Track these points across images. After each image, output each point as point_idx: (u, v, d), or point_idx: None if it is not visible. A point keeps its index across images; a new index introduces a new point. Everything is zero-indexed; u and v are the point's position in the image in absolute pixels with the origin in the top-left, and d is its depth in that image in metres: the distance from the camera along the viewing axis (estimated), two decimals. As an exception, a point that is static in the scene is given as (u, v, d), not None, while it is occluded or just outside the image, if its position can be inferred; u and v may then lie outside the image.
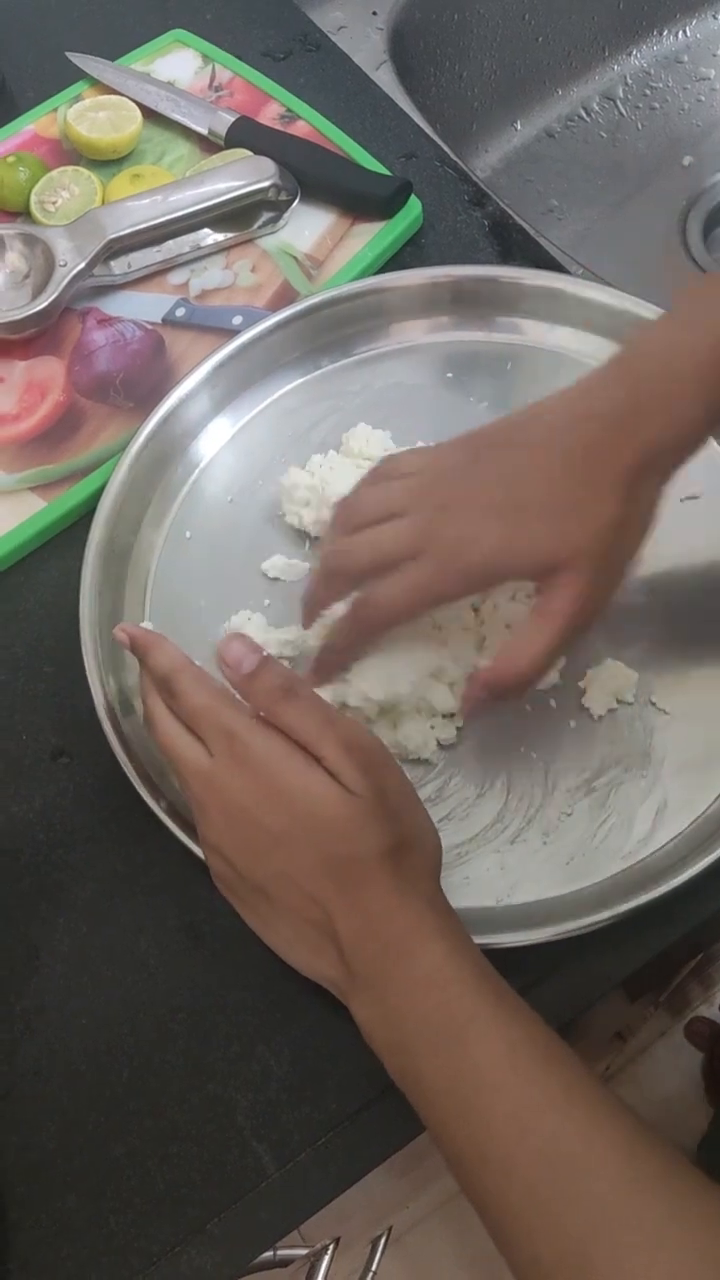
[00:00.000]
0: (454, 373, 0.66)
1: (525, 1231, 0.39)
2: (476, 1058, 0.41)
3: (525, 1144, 0.39)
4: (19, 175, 0.72)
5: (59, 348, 0.68)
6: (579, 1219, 0.38)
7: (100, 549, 0.59)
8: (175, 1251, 0.47)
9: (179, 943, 0.53)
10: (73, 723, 0.58)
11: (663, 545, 0.59)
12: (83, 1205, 0.48)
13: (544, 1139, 0.39)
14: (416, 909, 0.43)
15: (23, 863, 0.55)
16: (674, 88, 1.03)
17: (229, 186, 0.69)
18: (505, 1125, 0.40)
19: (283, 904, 0.45)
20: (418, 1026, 0.42)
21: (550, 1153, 0.39)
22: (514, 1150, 0.39)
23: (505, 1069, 0.40)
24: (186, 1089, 0.50)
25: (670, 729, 0.55)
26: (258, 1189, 0.48)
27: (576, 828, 0.54)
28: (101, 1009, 0.52)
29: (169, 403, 0.63)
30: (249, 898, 0.46)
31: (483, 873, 0.53)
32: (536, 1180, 0.38)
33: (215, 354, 0.65)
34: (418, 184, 0.72)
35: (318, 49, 0.81)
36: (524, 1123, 0.39)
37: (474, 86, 0.96)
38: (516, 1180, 0.39)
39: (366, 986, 0.43)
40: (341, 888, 0.43)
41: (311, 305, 0.66)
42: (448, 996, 0.42)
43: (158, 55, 0.80)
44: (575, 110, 1.02)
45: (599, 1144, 0.39)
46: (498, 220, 0.72)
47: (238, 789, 0.45)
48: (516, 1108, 0.40)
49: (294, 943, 0.46)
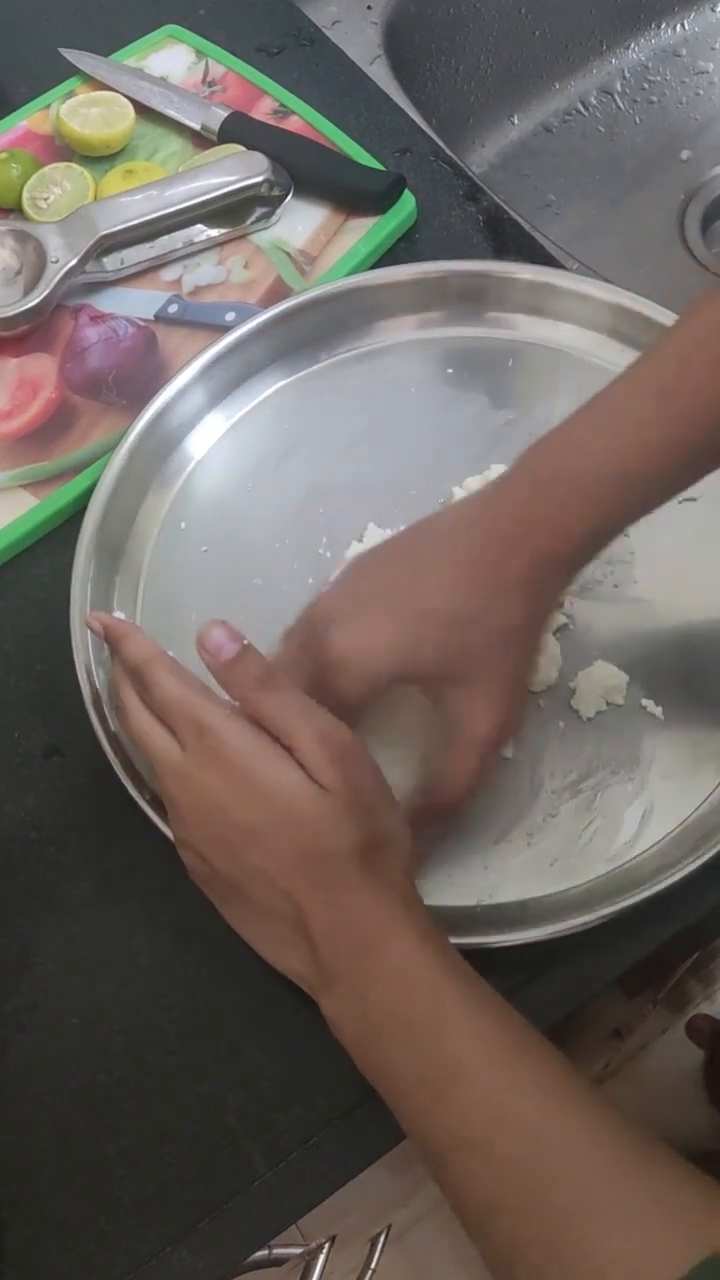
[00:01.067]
0: (454, 369, 0.65)
1: (503, 1213, 0.38)
2: (450, 1047, 0.41)
3: (503, 1128, 0.39)
4: (11, 171, 0.72)
5: (51, 345, 0.68)
6: (559, 1200, 0.37)
7: (91, 546, 0.59)
8: (166, 1251, 0.47)
9: (170, 942, 0.53)
10: (64, 721, 0.57)
11: (658, 548, 0.59)
12: (74, 1205, 0.48)
13: (522, 1123, 0.39)
14: (388, 904, 0.43)
15: (14, 861, 0.55)
16: (672, 81, 1.02)
17: (222, 182, 0.69)
18: (481, 1111, 0.39)
19: (256, 899, 0.45)
20: (389, 1019, 0.42)
21: (529, 1135, 0.39)
22: (491, 1134, 0.39)
23: (479, 1056, 0.40)
24: (178, 1088, 0.50)
25: (660, 733, 0.55)
26: (249, 1189, 0.48)
27: (562, 829, 0.53)
28: (93, 1008, 0.52)
29: (162, 398, 0.63)
30: (223, 892, 0.46)
31: (465, 872, 0.52)
32: (515, 1161, 0.38)
33: (209, 349, 0.64)
34: (412, 179, 0.71)
35: (311, 43, 0.81)
36: (501, 1107, 0.39)
37: (470, 81, 0.95)
38: (494, 1162, 0.39)
39: (337, 981, 0.43)
40: (314, 883, 0.43)
41: (307, 300, 0.65)
42: (420, 989, 0.42)
43: (151, 51, 0.79)
44: (572, 105, 1.01)
45: (577, 1127, 0.39)
46: (493, 215, 0.72)
47: (210, 785, 0.44)
48: (492, 1093, 0.40)
49: (267, 937, 0.46)
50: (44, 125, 0.77)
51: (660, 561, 0.59)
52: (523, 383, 0.65)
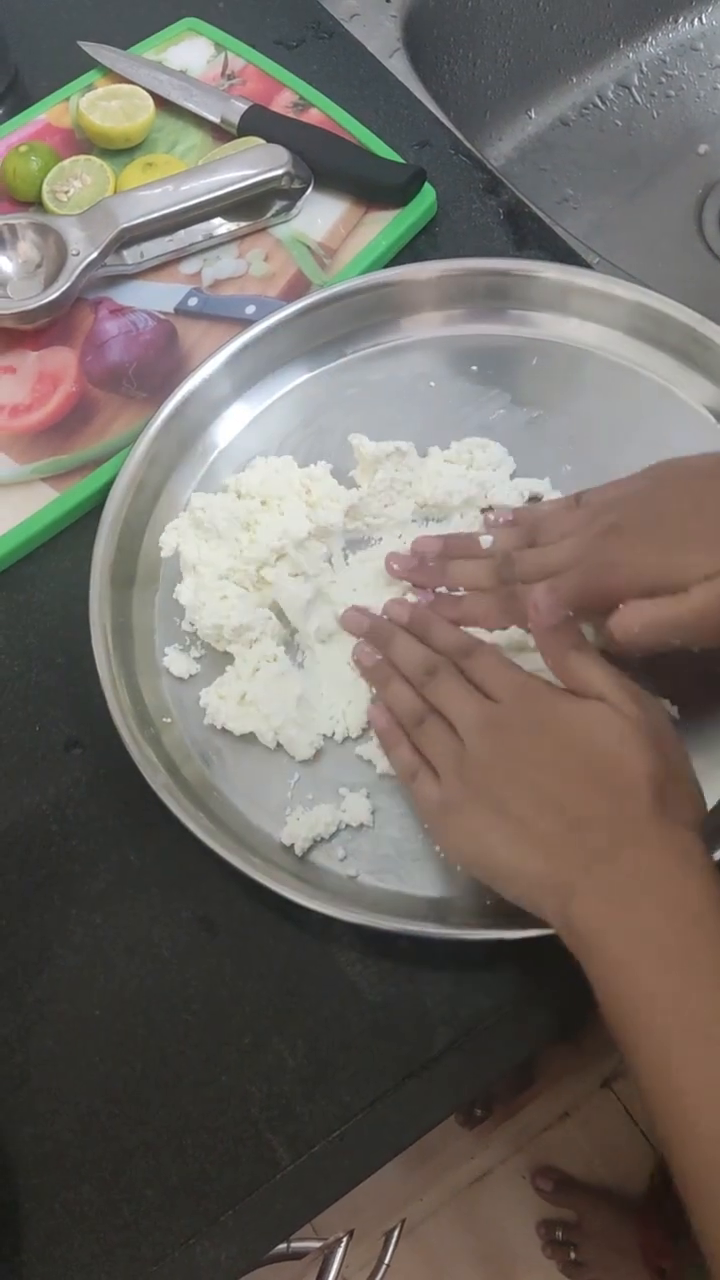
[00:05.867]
0: (478, 366, 0.65)
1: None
2: (677, 1073, 0.40)
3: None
4: (31, 165, 0.72)
5: (71, 338, 0.68)
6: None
7: (111, 537, 0.59)
8: (189, 1243, 0.47)
9: (192, 934, 0.53)
10: (85, 713, 0.57)
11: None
12: (96, 1196, 0.48)
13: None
14: (679, 836, 0.44)
15: (35, 854, 0.55)
16: (689, 75, 1.02)
17: (242, 175, 0.69)
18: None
19: (525, 814, 0.46)
20: (666, 949, 0.42)
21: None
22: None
23: (706, 1093, 0.39)
24: (200, 1080, 0.50)
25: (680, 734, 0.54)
26: (272, 1181, 0.48)
27: None
28: (115, 1000, 0.52)
29: (185, 389, 0.63)
30: (511, 801, 0.47)
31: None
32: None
33: (234, 340, 0.64)
34: (432, 172, 0.71)
35: (331, 36, 0.81)
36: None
37: (487, 75, 0.95)
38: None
39: (610, 897, 0.43)
40: (612, 805, 0.44)
41: (333, 294, 0.65)
42: (712, 926, 0.42)
43: (170, 44, 0.79)
44: (590, 98, 1.01)
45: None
46: (513, 209, 0.72)
47: (517, 723, 0.48)
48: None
49: (545, 852, 0.45)
50: (63, 118, 0.77)
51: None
52: (546, 380, 0.64)
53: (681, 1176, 0.39)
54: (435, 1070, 0.49)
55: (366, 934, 0.50)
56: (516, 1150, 1.20)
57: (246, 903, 0.52)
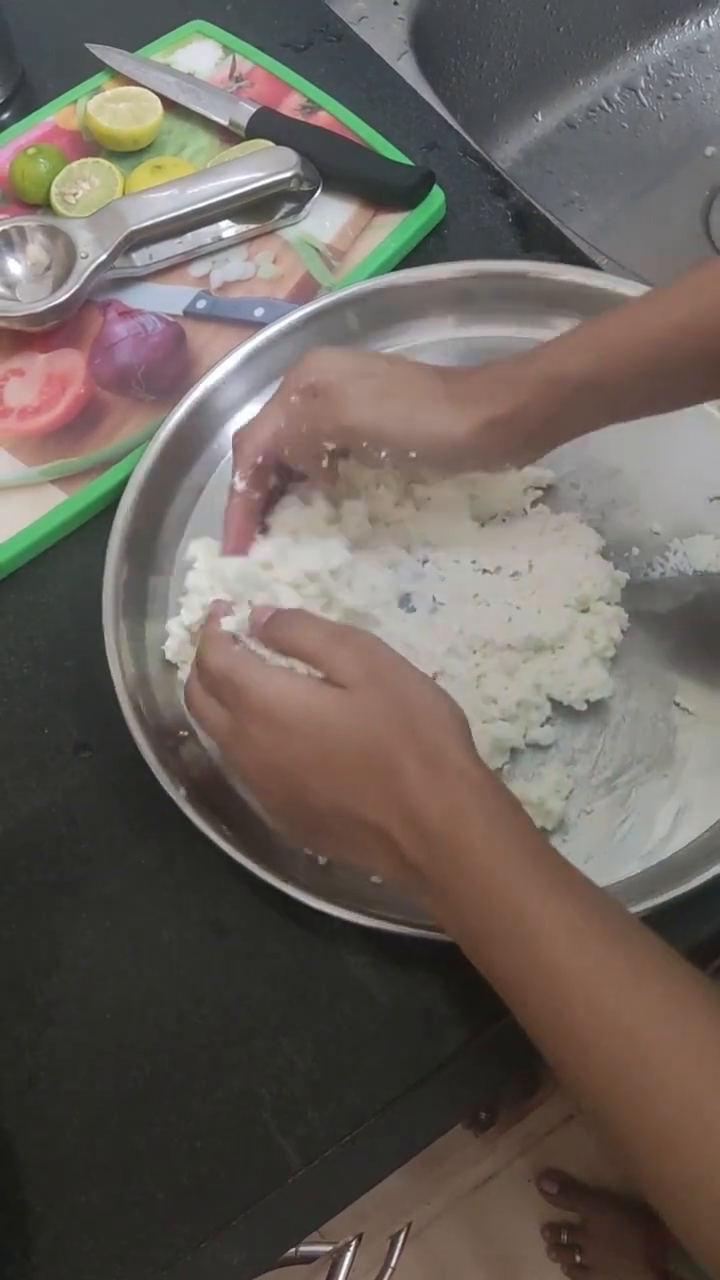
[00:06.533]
0: None
1: (611, 1114, 0.38)
2: (539, 947, 0.40)
3: (601, 1028, 0.39)
4: (39, 167, 0.72)
5: (80, 340, 0.68)
6: (663, 1102, 0.37)
7: (125, 539, 0.59)
8: (200, 1247, 0.47)
9: (202, 936, 0.53)
10: (94, 716, 0.57)
11: (690, 546, 0.59)
12: (106, 1199, 0.48)
13: (620, 1022, 0.38)
14: (449, 787, 0.43)
15: (45, 856, 0.55)
16: (696, 78, 1.02)
17: (250, 178, 0.69)
18: (579, 1011, 0.39)
19: (339, 830, 0.46)
20: (478, 919, 0.42)
21: (627, 1035, 0.38)
22: (590, 1037, 0.39)
23: (570, 953, 0.40)
24: (210, 1083, 0.50)
25: (694, 730, 0.55)
26: (284, 1186, 0.48)
27: (596, 826, 0.53)
28: (124, 1002, 0.52)
29: (196, 393, 0.63)
30: (314, 832, 0.47)
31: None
32: (616, 1064, 0.38)
33: (245, 344, 0.64)
34: (440, 174, 0.71)
35: (339, 39, 0.81)
36: (597, 1006, 0.39)
37: (494, 77, 0.95)
38: (595, 1065, 0.39)
39: (428, 883, 0.43)
40: (379, 788, 0.44)
41: (347, 297, 0.65)
42: (497, 884, 0.42)
43: (178, 46, 0.79)
44: (596, 101, 1.01)
45: (677, 1020, 0.38)
46: (521, 211, 0.72)
47: (257, 737, 0.46)
48: (588, 992, 0.39)
49: (363, 855, 0.46)
50: (71, 121, 0.77)
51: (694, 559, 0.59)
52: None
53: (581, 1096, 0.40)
54: (446, 1073, 0.49)
55: (376, 937, 0.50)
56: (521, 1154, 1.20)
57: (256, 905, 0.52)
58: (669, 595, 0.58)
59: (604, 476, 0.61)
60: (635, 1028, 0.38)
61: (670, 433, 0.58)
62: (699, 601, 0.58)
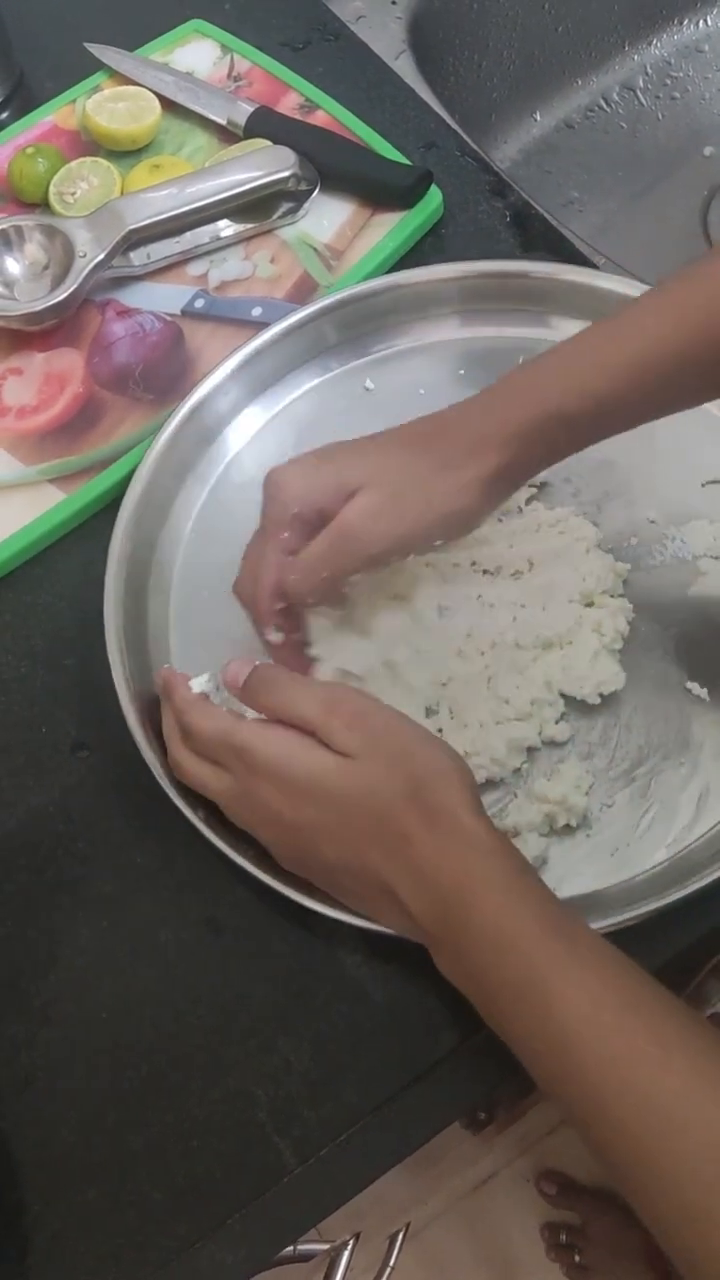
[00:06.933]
0: (501, 368, 0.63)
1: (639, 1186, 0.38)
2: (559, 1018, 0.40)
3: (624, 1100, 0.38)
4: (38, 166, 0.72)
5: (78, 339, 0.68)
6: (690, 1174, 0.37)
7: (127, 539, 0.59)
8: (196, 1246, 0.47)
9: (199, 936, 0.53)
10: (92, 716, 0.57)
11: (687, 532, 0.59)
12: (102, 1199, 0.48)
13: (641, 1094, 0.38)
14: (460, 855, 0.43)
15: (42, 855, 0.55)
16: (695, 77, 1.02)
17: (248, 177, 0.69)
18: (601, 1082, 0.39)
19: (349, 885, 0.46)
20: (494, 986, 0.42)
21: (649, 1107, 0.38)
22: (613, 1107, 0.39)
23: (591, 1025, 0.39)
24: (206, 1083, 0.50)
25: (708, 714, 0.55)
26: (279, 1185, 0.48)
27: (619, 819, 0.53)
28: (121, 1002, 0.52)
29: (197, 395, 0.63)
30: (328, 884, 0.48)
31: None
32: (640, 1136, 0.38)
33: (246, 346, 0.64)
34: (438, 174, 0.71)
35: (337, 38, 0.81)
36: (619, 1078, 0.39)
37: (493, 77, 0.95)
38: (622, 1138, 0.38)
39: (441, 943, 0.44)
40: (385, 852, 0.44)
41: (349, 296, 0.65)
42: (515, 955, 0.41)
43: (176, 45, 0.79)
44: (595, 101, 1.01)
45: (699, 1091, 0.38)
46: (519, 211, 0.72)
47: (263, 798, 0.47)
48: (609, 1063, 0.39)
49: (376, 910, 0.46)
50: (70, 120, 0.77)
51: (699, 544, 0.59)
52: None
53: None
54: (442, 1071, 0.49)
55: (372, 936, 0.50)
56: (521, 1154, 1.20)
57: (253, 905, 0.52)
58: (671, 582, 0.58)
59: (596, 469, 0.61)
60: (658, 1096, 0.38)
61: (659, 421, 0.57)
62: (701, 586, 0.58)
